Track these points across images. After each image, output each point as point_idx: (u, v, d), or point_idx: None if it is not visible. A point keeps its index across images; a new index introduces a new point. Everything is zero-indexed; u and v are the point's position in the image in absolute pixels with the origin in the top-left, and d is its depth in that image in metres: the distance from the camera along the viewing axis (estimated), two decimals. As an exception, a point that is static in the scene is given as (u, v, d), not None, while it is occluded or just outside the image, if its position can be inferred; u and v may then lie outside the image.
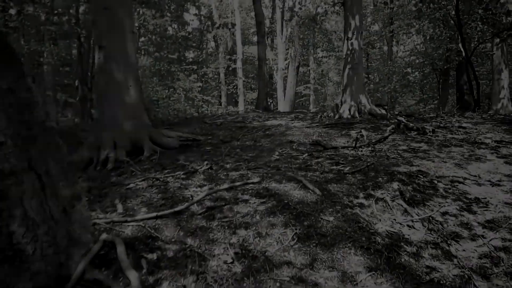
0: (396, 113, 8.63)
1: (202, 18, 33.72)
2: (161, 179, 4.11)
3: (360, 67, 8.27)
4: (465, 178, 4.06)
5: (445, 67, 16.06)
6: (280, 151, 5.21)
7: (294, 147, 5.46)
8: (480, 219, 3.19)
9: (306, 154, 4.93)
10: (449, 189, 3.77)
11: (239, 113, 10.39)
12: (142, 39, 27.95)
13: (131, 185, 3.99)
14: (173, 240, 2.84)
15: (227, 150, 5.36)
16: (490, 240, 2.85)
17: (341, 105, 8.29)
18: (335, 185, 3.81)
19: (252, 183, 3.74)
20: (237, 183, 3.68)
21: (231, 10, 28.06)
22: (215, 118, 8.98)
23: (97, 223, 2.91)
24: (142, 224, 2.96)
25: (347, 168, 4.36)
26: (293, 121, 7.94)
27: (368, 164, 4.42)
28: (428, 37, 13.05)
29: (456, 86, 15.05)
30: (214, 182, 4.00)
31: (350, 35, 8.14)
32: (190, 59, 30.92)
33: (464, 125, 7.30)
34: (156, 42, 27.93)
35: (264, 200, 3.48)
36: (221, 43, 31.38)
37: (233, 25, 27.59)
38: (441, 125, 7.21)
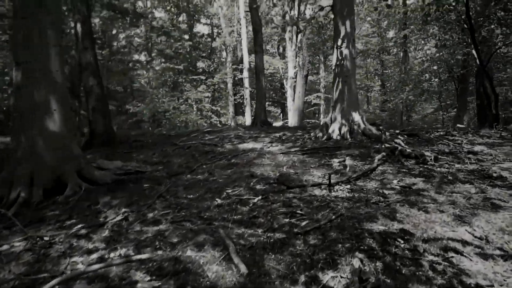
0: (397, 131, 7.38)
1: (212, 27, 33.33)
2: (48, 238, 3.09)
3: (353, 79, 7.08)
4: (465, 243, 2.85)
5: (462, 72, 14.60)
6: (230, 191, 4.12)
7: (251, 184, 4.35)
8: (480, 333, 2.00)
9: (260, 198, 3.82)
10: (439, 264, 2.58)
11: (222, 131, 9.35)
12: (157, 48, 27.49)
13: (4, 247, 2.98)
14: None
15: (166, 188, 4.31)
16: None
17: (331, 123, 7.12)
18: (273, 256, 2.69)
19: (143, 258, 2.65)
20: (116, 262, 2.60)
21: (237, 19, 27.32)
22: (191, 138, 7.98)
23: None
24: None
25: (304, 223, 3.23)
26: (271, 144, 6.81)
27: (334, 216, 3.28)
28: (439, 43, 11.67)
29: (476, 93, 13.60)
30: (114, 245, 2.95)
31: (339, 42, 6.98)
32: (200, 69, 30.44)
33: (476, 148, 6.00)
34: (163, 55, 27.47)
35: (160, 283, 2.41)
36: (229, 53, 30.70)
37: (239, 34, 26.84)
38: (448, 149, 5.93)
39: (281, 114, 33.17)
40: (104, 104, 7.74)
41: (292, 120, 21.75)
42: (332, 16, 7.42)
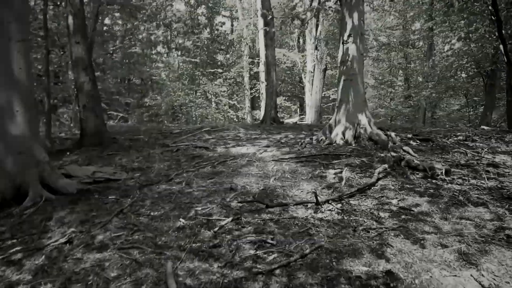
0: (409, 136, 6.65)
1: (231, 20, 32.87)
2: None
3: (360, 78, 6.39)
4: (468, 297, 2.24)
5: (489, 68, 13.47)
6: (200, 209, 3.61)
7: (228, 200, 3.83)
8: None
9: (230, 219, 3.29)
10: (430, 330, 2.00)
11: (223, 130, 8.85)
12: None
13: None
14: None
15: (131, 202, 3.86)
16: None
17: (335, 126, 6.48)
18: (219, 305, 2.18)
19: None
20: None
21: (254, 11, 26.63)
22: (189, 138, 7.53)
23: None
24: None
25: (272, 257, 2.69)
26: (267, 148, 6.25)
27: (309, 250, 2.72)
28: (463, 35, 10.66)
29: (506, 90, 12.52)
30: (41, 278, 2.51)
31: (346, 37, 6.30)
32: (219, 62, 30.08)
33: (498, 159, 5.25)
34: (181, 47, 27.22)
35: None
36: (246, 45, 30.10)
37: (256, 26, 26.15)
38: (464, 160, 5.20)
39: (299, 109, 32.40)
40: (96, 102, 7.38)
41: (309, 116, 21.05)
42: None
